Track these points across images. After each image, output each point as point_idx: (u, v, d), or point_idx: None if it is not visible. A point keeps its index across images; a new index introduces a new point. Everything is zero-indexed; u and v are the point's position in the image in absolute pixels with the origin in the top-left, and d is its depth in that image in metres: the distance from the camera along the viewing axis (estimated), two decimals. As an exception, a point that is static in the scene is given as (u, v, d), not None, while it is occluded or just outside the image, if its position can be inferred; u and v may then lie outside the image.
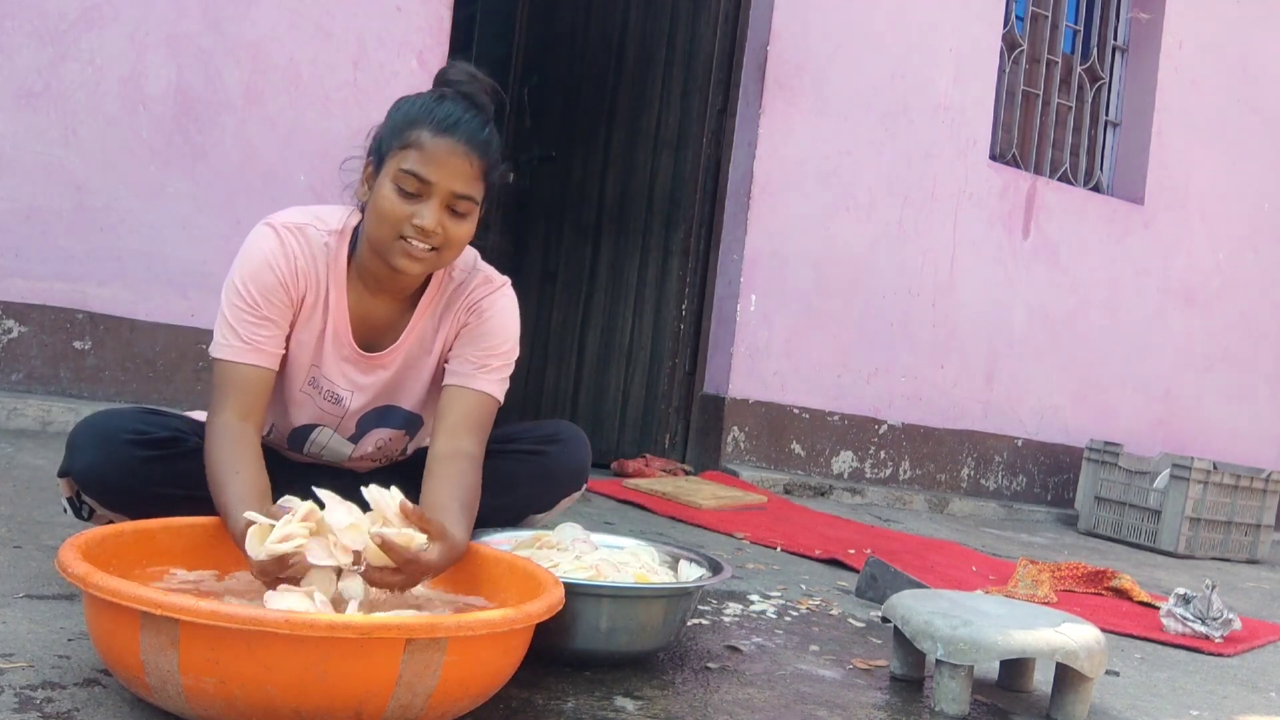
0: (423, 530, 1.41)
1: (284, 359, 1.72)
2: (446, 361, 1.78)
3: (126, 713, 1.21)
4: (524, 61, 5.23)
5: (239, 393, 1.61)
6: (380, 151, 1.65)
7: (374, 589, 1.41)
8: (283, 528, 1.34)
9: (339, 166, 1.76)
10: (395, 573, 1.38)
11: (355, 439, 1.86)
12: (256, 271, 1.64)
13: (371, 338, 1.76)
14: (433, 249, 1.62)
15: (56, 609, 1.51)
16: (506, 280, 1.83)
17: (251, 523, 1.36)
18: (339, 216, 1.73)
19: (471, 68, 1.72)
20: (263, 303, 1.64)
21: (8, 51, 3.05)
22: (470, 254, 1.80)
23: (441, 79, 1.71)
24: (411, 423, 1.86)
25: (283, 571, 1.35)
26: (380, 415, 1.84)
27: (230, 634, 1.10)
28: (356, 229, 1.72)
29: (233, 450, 1.55)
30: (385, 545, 1.36)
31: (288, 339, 1.70)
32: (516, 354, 1.82)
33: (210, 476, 1.53)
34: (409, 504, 1.42)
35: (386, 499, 1.41)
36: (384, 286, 1.72)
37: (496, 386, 1.77)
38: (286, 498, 1.43)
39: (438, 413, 1.75)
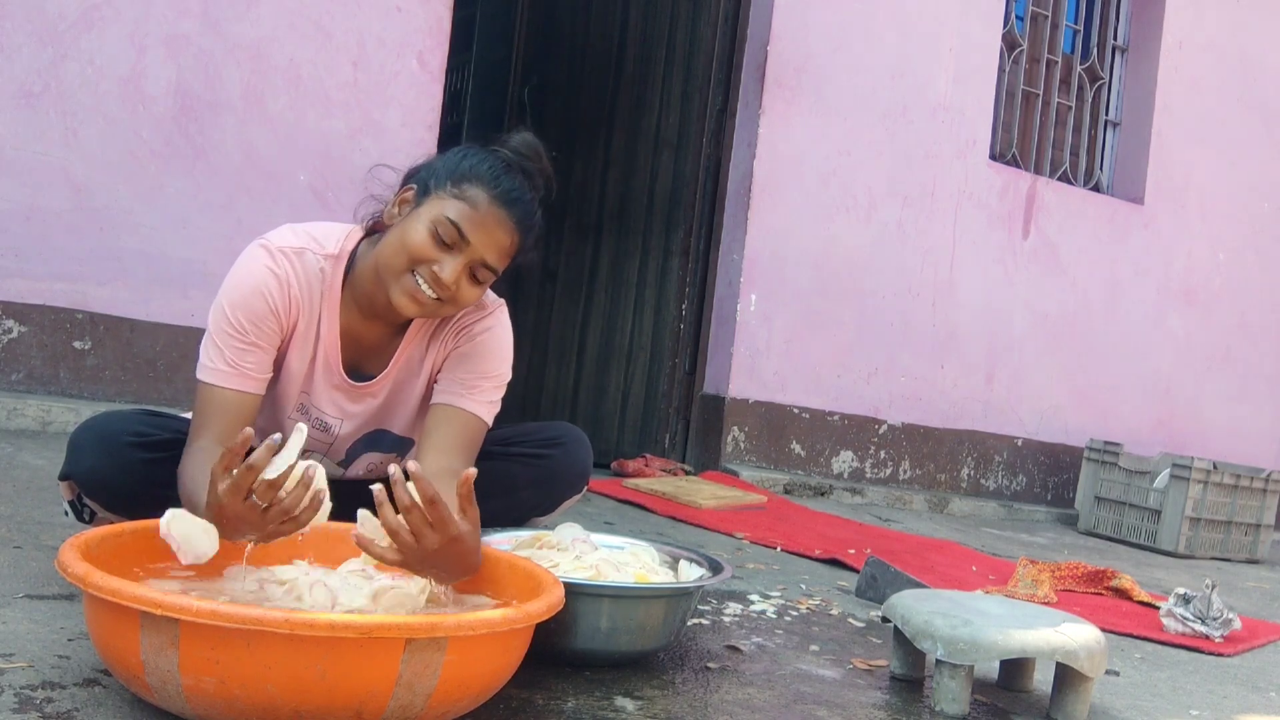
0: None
1: (274, 383, 1.70)
2: (435, 383, 1.76)
3: (126, 713, 1.21)
4: (524, 62, 5.23)
5: (221, 418, 1.59)
6: (428, 185, 1.62)
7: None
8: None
9: (369, 171, 1.73)
10: (429, 527, 1.30)
11: (345, 464, 1.85)
12: (247, 298, 1.61)
13: (360, 361, 1.75)
14: (437, 299, 1.60)
15: (56, 609, 1.51)
16: (501, 304, 1.81)
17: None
18: (336, 238, 1.70)
19: (537, 144, 1.70)
20: (251, 329, 1.61)
21: (8, 51, 3.05)
22: None
23: (505, 143, 1.69)
24: (401, 445, 1.86)
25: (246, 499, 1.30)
26: (370, 440, 1.83)
27: (230, 634, 1.10)
28: (354, 251, 1.70)
29: (208, 468, 1.52)
30: (429, 501, 1.28)
31: (279, 362, 1.69)
32: (508, 378, 1.79)
33: (184, 491, 1.51)
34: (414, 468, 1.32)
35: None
36: (377, 311, 1.69)
37: (485, 409, 1.74)
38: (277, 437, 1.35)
39: (424, 429, 1.73)
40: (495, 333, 1.77)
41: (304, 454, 1.80)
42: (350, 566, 1.56)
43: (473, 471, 1.33)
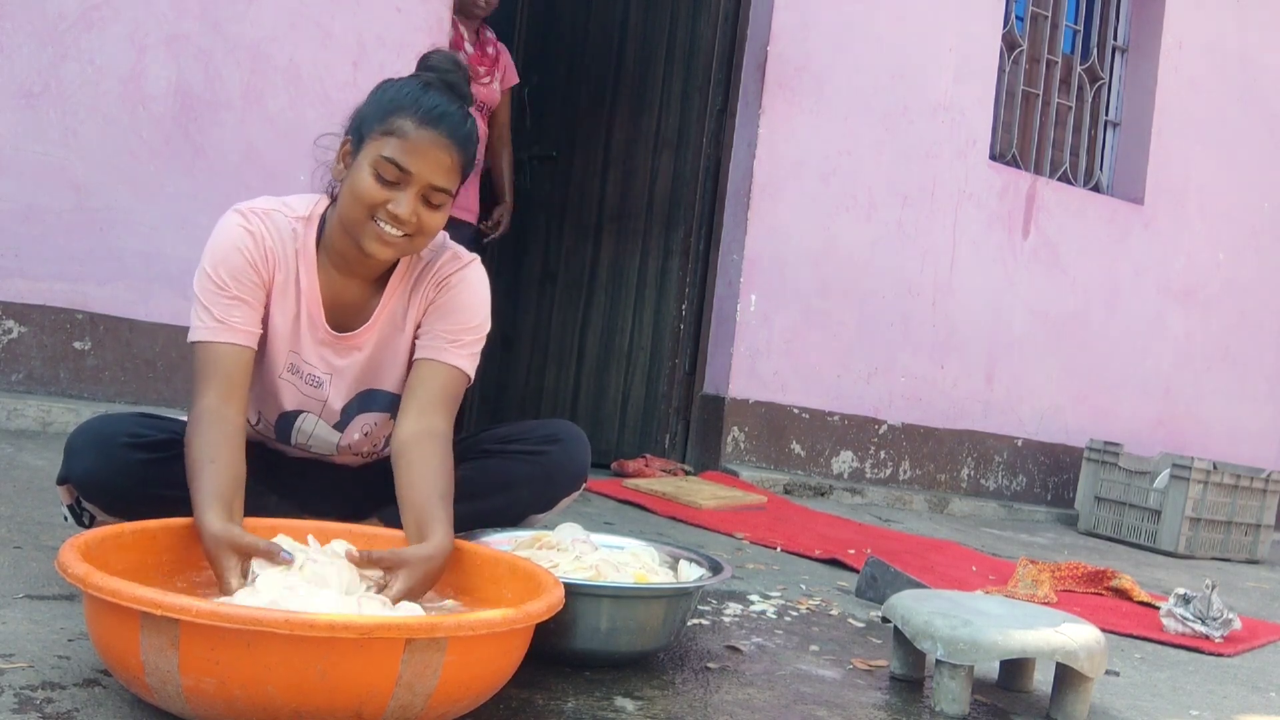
0: (380, 568, 1.46)
1: (263, 345, 1.73)
2: (417, 337, 1.79)
3: (126, 713, 1.21)
4: (524, 61, 5.22)
5: (218, 374, 1.62)
6: (361, 132, 1.66)
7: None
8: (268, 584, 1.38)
9: (314, 142, 1.77)
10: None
11: (341, 426, 1.85)
12: (225, 256, 1.66)
13: (344, 319, 1.77)
14: (405, 235, 1.64)
15: (56, 609, 1.51)
16: (475, 258, 1.84)
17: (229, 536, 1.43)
18: (306, 204, 1.76)
19: (455, 55, 1.75)
20: (233, 284, 1.65)
21: (8, 51, 3.05)
22: (439, 234, 1.81)
23: (425, 64, 1.73)
24: (394, 405, 1.86)
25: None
26: (363, 400, 1.84)
27: (230, 634, 1.10)
28: (324, 215, 1.75)
29: (210, 436, 1.55)
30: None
31: (264, 322, 1.72)
32: (487, 329, 1.82)
33: (187, 464, 1.53)
34: (355, 553, 1.46)
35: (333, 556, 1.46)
36: (354, 268, 1.73)
37: (467, 362, 1.77)
38: (280, 537, 1.49)
39: (407, 386, 1.76)
40: (472, 282, 1.80)
41: (300, 415, 1.82)
42: (336, 547, 1.57)
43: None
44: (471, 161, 1.69)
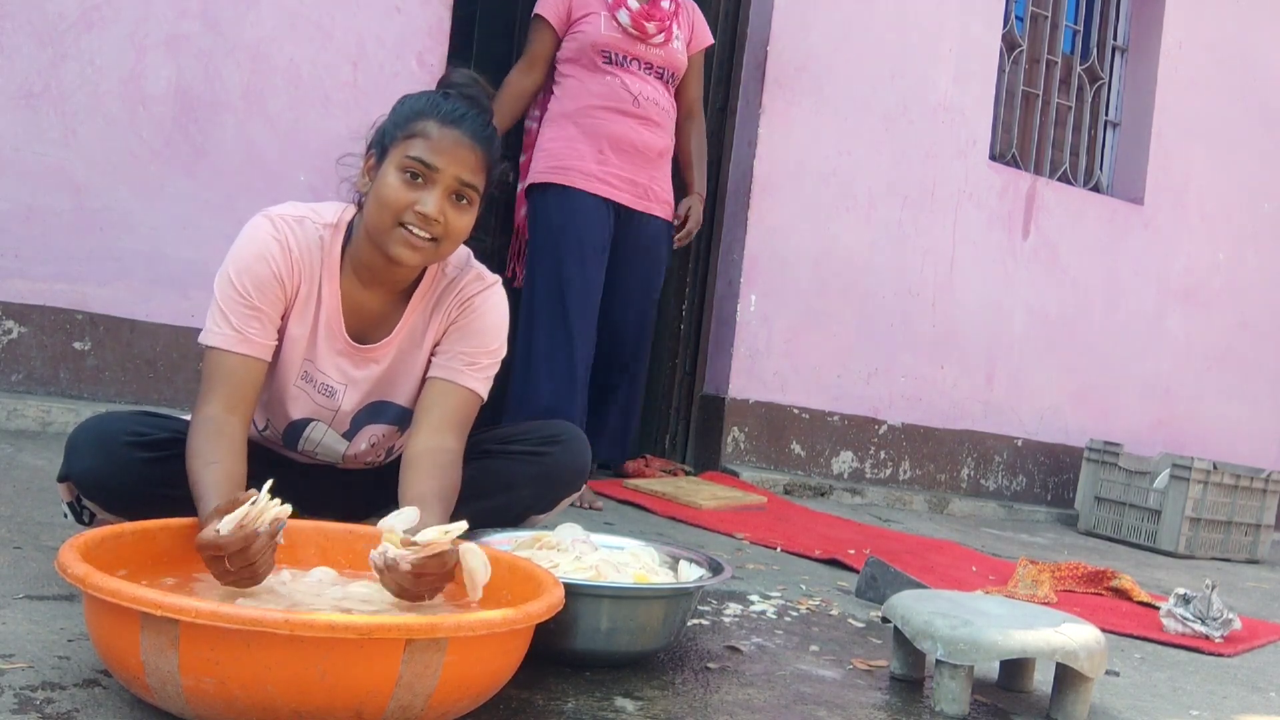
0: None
1: (277, 353, 1.73)
2: (434, 355, 1.79)
3: (126, 713, 1.21)
4: (524, 61, 5.21)
5: (226, 383, 1.62)
6: (383, 143, 1.68)
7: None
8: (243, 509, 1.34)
9: (336, 161, 1.78)
10: (437, 579, 1.38)
11: (349, 435, 1.86)
12: (251, 264, 1.66)
13: (364, 330, 1.78)
14: (432, 239, 1.64)
15: (56, 610, 1.51)
16: (498, 279, 1.85)
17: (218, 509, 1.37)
18: (334, 211, 1.76)
19: (474, 73, 1.77)
20: (255, 294, 1.66)
21: (8, 51, 3.05)
22: (464, 251, 1.82)
23: (445, 82, 1.75)
24: (404, 418, 1.87)
25: (244, 561, 1.34)
26: (373, 411, 1.84)
27: (230, 634, 1.10)
28: (351, 223, 1.75)
29: (212, 442, 1.55)
30: (432, 553, 1.36)
31: (281, 332, 1.72)
32: (504, 354, 1.84)
33: (189, 468, 1.54)
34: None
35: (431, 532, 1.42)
36: (378, 279, 1.73)
37: (482, 384, 1.79)
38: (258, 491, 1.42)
39: (420, 404, 1.76)
40: (495, 305, 1.82)
41: (309, 424, 1.81)
42: (317, 575, 1.56)
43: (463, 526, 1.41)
44: (496, 164, 1.69)
